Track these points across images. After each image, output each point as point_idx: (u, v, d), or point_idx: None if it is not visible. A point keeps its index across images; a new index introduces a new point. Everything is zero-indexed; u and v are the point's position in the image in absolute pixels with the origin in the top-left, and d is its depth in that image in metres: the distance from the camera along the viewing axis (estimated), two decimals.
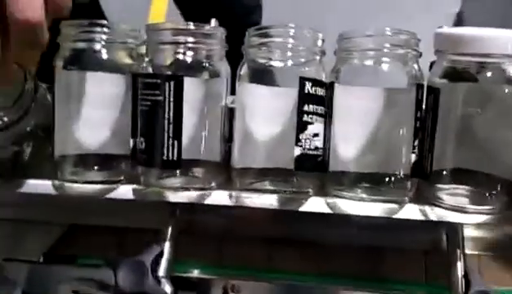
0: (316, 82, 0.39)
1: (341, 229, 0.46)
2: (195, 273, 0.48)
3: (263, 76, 0.41)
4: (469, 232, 0.45)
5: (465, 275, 0.39)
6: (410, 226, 0.44)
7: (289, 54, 0.40)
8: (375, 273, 0.47)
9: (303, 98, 0.38)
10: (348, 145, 0.40)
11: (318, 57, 0.41)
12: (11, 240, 0.51)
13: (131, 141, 0.42)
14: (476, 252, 0.47)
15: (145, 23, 0.43)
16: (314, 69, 0.40)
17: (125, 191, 0.42)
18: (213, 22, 0.45)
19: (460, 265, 0.41)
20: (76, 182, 0.42)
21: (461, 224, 0.43)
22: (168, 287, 0.40)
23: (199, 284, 0.49)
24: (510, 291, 0.46)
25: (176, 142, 0.39)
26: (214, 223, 0.47)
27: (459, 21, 0.76)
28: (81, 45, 0.42)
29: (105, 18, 0.69)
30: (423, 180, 0.40)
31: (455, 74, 0.39)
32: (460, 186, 0.40)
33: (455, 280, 0.40)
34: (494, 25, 0.38)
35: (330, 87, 0.40)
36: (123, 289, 0.34)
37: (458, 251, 0.42)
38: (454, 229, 0.43)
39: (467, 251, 0.45)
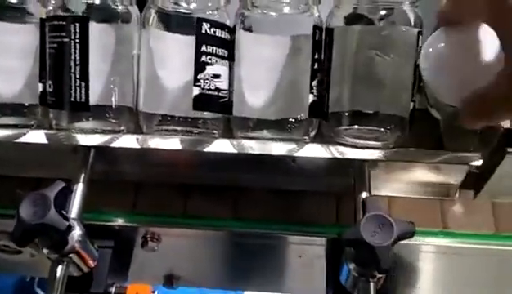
0: (216, 24, 0.45)
1: (255, 173, 0.53)
2: (114, 221, 0.55)
3: (168, 21, 0.46)
4: (377, 175, 0.53)
5: (362, 204, 0.46)
6: (322, 170, 0.52)
7: None
8: (289, 216, 0.54)
9: (201, 38, 0.44)
10: (252, 91, 0.46)
11: (222, 2, 0.47)
12: None
13: (40, 86, 0.48)
14: (387, 194, 0.54)
15: None
16: (218, 15, 0.46)
17: (36, 135, 0.48)
18: None
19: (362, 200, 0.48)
20: None
21: (366, 164, 0.50)
22: (78, 230, 0.46)
23: (118, 233, 0.55)
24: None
25: (83, 83, 0.45)
26: (129, 170, 0.54)
27: None
28: None
29: None
30: (323, 121, 0.47)
31: (352, 17, 0.46)
32: (358, 126, 0.46)
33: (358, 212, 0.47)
34: None
35: (233, 32, 0.47)
36: (24, 220, 0.40)
37: (362, 188, 0.49)
38: (359, 170, 0.50)
39: (378, 193, 0.53)
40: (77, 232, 0.46)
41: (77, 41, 0.44)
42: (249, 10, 0.46)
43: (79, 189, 0.48)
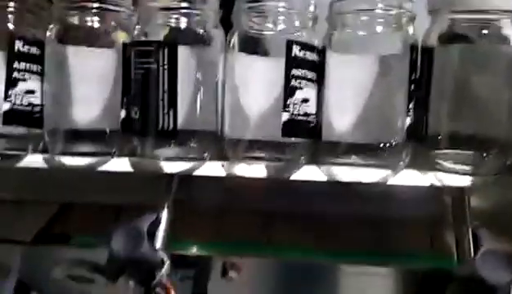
0: (305, 46, 0.45)
1: (343, 201, 0.52)
2: (194, 250, 0.55)
3: (254, 44, 0.46)
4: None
5: (473, 236, 0.45)
6: (415, 196, 0.50)
7: (280, 19, 0.46)
8: (380, 245, 0.53)
9: (291, 61, 0.44)
10: (342, 114, 0.45)
11: (310, 23, 0.46)
12: (6, 220, 0.58)
13: (122, 112, 0.49)
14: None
15: None
16: (306, 35, 0.46)
17: (120, 163, 0.48)
18: None
19: (466, 229, 0.46)
20: (68, 155, 0.49)
21: (466, 191, 0.48)
22: (166, 260, 0.46)
23: (198, 262, 0.55)
24: None
25: (171, 111, 0.45)
26: (211, 198, 0.54)
27: None
28: (72, 19, 0.48)
29: None
30: (419, 145, 0.46)
31: (449, 35, 0.45)
32: (457, 150, 0.45)
33: (463, 243, 0.46)
34: None
35: (321, 53, 0.46)
36: (118, 255, 0.40)
37: (463, 218, 0.47)
38: (459, 198, 0.48)
39: None
40: (164, 265, 0.46)
41: (165, 67, 0.45)
42: (338, 30, 0.46)
43: (164, 217, 0.48)
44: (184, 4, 0.46)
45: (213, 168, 0.48)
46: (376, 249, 0.53)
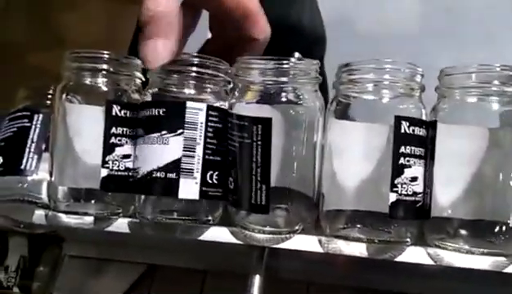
0: (414, 121, 0.43)
1: (441, 280, 0.49)
2: None
3: (354, 112, 0.45)
4: None
5: None
6: None
7: (385, 90, 0.44)
8: None
9: (399, 139, 0.42)
10: (452, 190, 0.43)
11: (417, 93, 0.44)
12: (91, 278, 0.58)
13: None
14: None
15: None
16: (412, 106, 0.44)
17: (220, 232, 0.47)
18: (297, 55, 0.51)
19: None
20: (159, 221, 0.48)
21: None
22: None
23: None
24: None
25: (264, 186, 0.44)
26: (299, 268, 0.52)
27: None
28: (169, 81, 0.48)
29: None
30: None
31: None
32: None
33: None
34: None
35: (430, 126, 0.44)
36: None
37: None
38: None
39: None
40: None
41: (259, 143, 0.44)
42: (447, 101, 0.44)
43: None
44: (283, 79, 0.45)
45: (308, 242, 0.46)
46: None
